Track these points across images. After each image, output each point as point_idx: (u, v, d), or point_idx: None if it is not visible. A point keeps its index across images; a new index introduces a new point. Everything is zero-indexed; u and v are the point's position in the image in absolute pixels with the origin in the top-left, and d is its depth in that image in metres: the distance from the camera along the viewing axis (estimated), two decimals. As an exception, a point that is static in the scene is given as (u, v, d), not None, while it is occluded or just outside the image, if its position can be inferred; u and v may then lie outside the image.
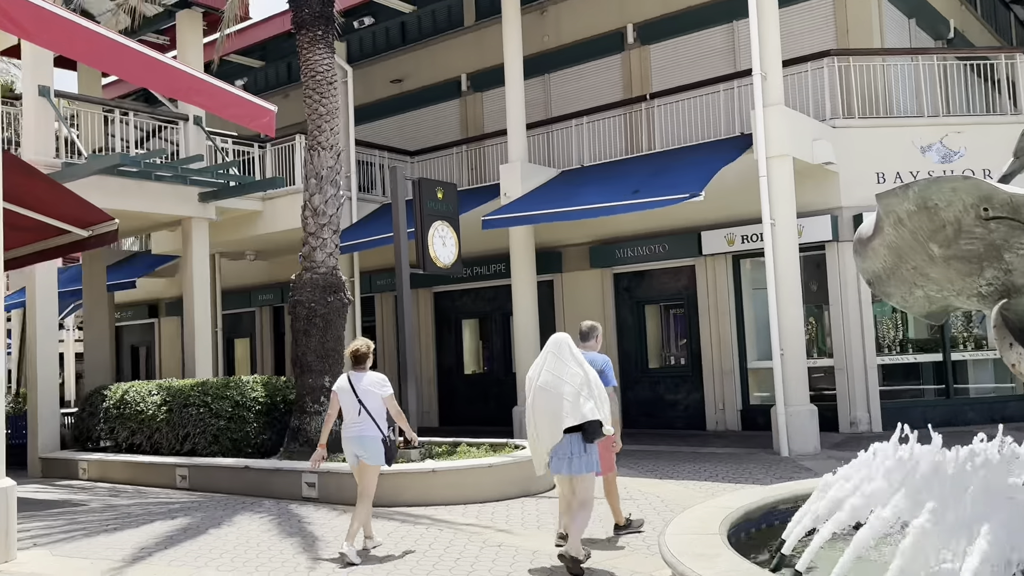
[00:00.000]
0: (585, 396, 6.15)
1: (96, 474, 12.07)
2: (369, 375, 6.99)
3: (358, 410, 6.84)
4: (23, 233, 10.88)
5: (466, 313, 18.53)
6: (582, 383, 6.18)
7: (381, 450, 6.88)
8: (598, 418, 6.15)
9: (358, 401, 6.83)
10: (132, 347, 25.44)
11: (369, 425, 6.81)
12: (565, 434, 6.10)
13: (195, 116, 15.27)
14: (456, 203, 11.58)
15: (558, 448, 6.16)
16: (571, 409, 6.09)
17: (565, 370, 6.18)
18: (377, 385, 6.91)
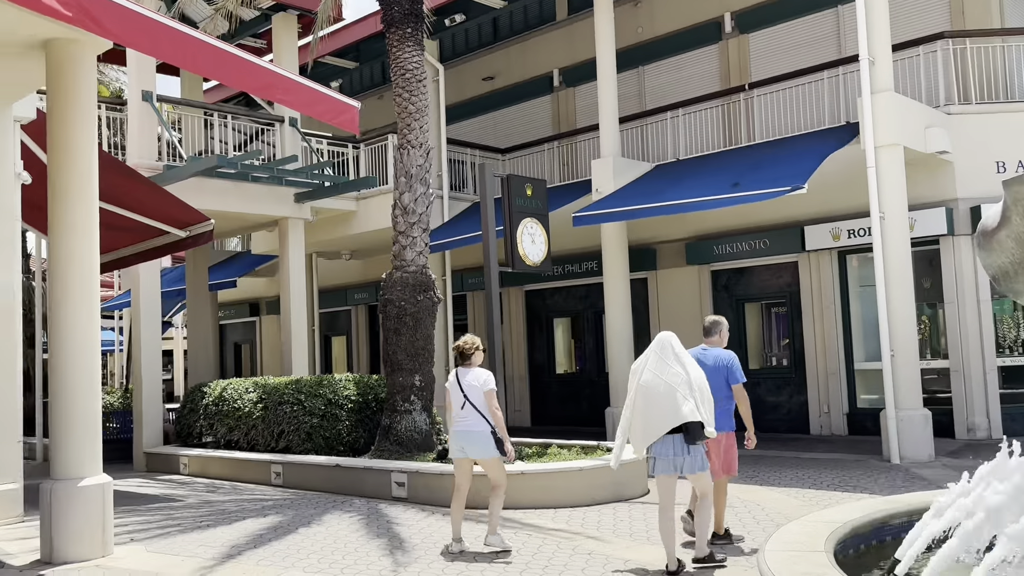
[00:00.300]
0: (685, 397, 5.97)
1: (196, 469, 12.34)
2: (474, 371, 7.00)
3: (462, 404, 6.90)
4: (125, 234, 11.23)
5: (558, 312, 18.28)
6: (683, 384, 6.01)
7: (491, 442, 6.86)
8: (698, 420, 5.96)
9: (463, 396, 6.89)
10: (235, 344, 26.18)
11: (476, 420, 6.85)
12: (668, 435, 6.00)
13: (290, 118, 15.50)
14: (546, 200, 11.34)
15: (660, 449, 6.07)
16: (671, 411, 5.93)
17: (667, 370, 6.04)
18: (480, 380, 6.92)
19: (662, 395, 5.97)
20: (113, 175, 10.10)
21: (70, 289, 6.84)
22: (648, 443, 6.09)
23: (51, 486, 6.71)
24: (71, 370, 6.80)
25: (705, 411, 6.05)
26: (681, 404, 5.93)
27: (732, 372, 6.94)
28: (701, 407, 6.02)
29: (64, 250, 6.83)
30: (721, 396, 6.75)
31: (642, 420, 6.09)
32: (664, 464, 6.09)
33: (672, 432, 5.99)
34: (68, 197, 6.88)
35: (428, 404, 11.17)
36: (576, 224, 13.46)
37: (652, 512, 8.52)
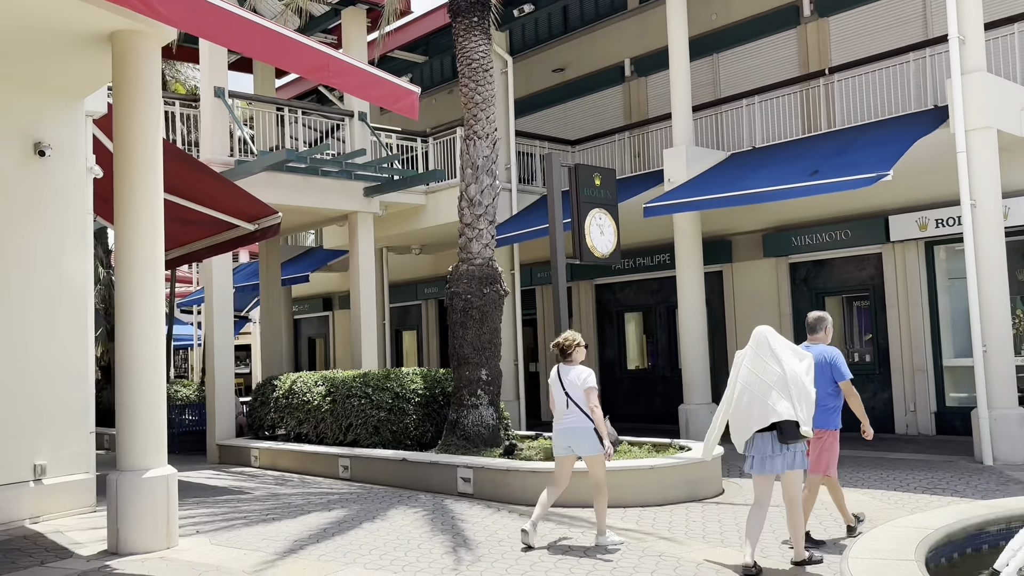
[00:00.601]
0: (780, 395, 5.78)
1: (266, 462, 12.42)
2: (576, 368, 6.96)
3: (566, 402, 6.89)
4: (196, 227, 11.33)
5: (629, 306, 17.91)
6: (779, 381, 5.82)
7: (594, 439, 6.84)
8: (794, 418, 5.75)
9: (565, 394, 6.89)
10: (309, 339, 26.50)
11: (580, 417, 6.83)
12: (761, 433, 5.90)
13: (359, 112, 15.50)
14: (615, 190, 11.03)
15: (757, 447, 5.97)
16: (766, 408, 5.80)
17: (763, 367, 5.92)
18: (580, 378, 6.89)
19: (758, 392, 5.85)
20: (184, 169, 10.20)
21: (134, 281, 6.85)
22: (743, 440, 6.01)
23: (117, 478, 6.73)
24: (135, 363, 6.81)
25: (803, 409, 5.84)
26: (776, 402, 5.78)
27: (837, 368, 6.70)
28: (798, 405, 5.81)
29: (128, 243, 6.84)
30: (825, 393, 6.56)
31: (737, 417, 6.01)
32: (759, 463, 5.99)
33: (768, 430, 5.87)
34: (133, 190, 6.89)
35: (495, 399, 10.98)
36: (647, 215, 13.09)
37: (727, 513, 8.18)
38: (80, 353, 8.42)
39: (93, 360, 8.60)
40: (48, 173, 8.20)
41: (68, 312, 8.31)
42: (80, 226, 8.47)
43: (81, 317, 8.43)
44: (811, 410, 5.91)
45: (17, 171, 7.99)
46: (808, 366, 6.06)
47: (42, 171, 8.15)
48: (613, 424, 16.95)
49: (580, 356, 7.06)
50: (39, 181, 8.14)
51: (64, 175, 8.35)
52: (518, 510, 8.48)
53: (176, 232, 11.80)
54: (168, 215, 11.14)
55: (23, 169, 8.03)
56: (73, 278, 8.36)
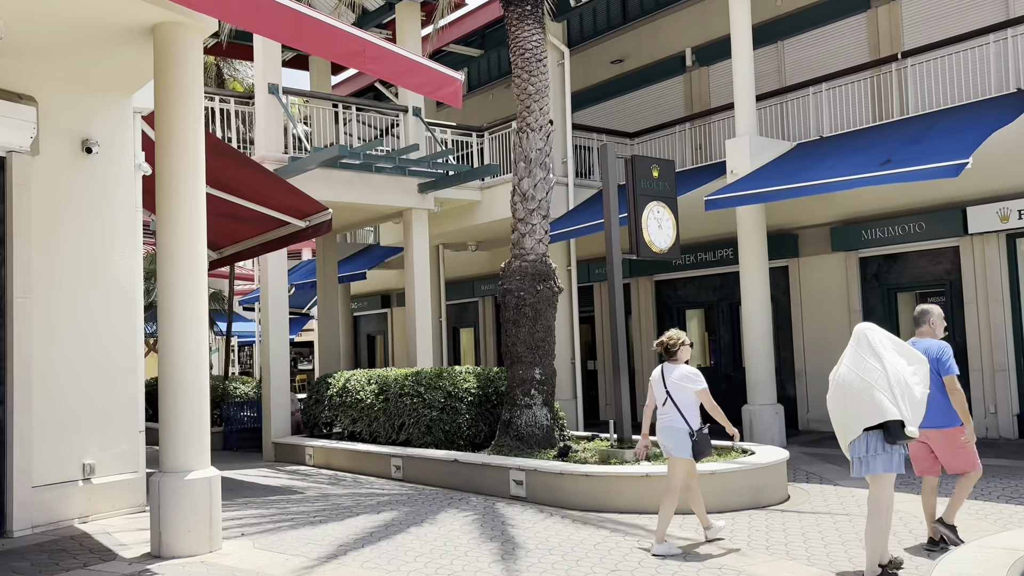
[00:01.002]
0: (883, 394, 5.50)
1: (320, 460, 12.32)
2: (680, 368, 6.90)
3: (664, 400, 6.83)
4: (248, 224, 11.27)
5: (690, 303, 17.39)
6: (880, 379, 5.54)
7: (686, 443, 6.74)
8: (896, 418, 5.45)
9: (666, 392, 6.82)
10: (368, 336, 26.53)
11: (676, 417, 6.76)
12: (865, 432, 5.64)
13: (414, 107, 15.31)
14: (674, 182, 10.59)
15: (855, 447, 5.74)
16: (867, 408, 5.56)
17: (862, 365, 5.67)
18: (687, 379, 6.82)
19: (858, 391, 5.61)
20: (233, 165, 10.12)
21: (176, 279, 6.72)
22: (847, 441, 5.77)
23: (159, 479, 6.61)
24: (177, 362, 6.68)
25: (907, 409, 5.52)
26: (880, 401, 5.50)
27: (942, 363, 6.33)
28: (902, 404, 5.51)
29: (169, 238, 6.71)
30: (937, 390, 6.23)
31: (836, 417, 5.81)
32: (858, 465, 5.73)
33: (870, 429, 5.61)
34: (174, 184, 6.75)
35: (549, 398, 10.67)
36: (708, 208, 12.61)
37: (792, 522, 7.73)
38: (129, 351, 8.35)
39: (143, 357, 8.53)
40: (96, 170, 8.15)
41: (117, 310, 8.25)
42: (129, 223, 8.40)
43: (130, 314, 8.37)
44: (916, 410, 5.57)
45: (65, 169, 7.95)
46: (919, 367, 5.74)
47: (90, 168, 8.10)
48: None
49: (685, 355, 6.97)
50: (87, 178, 8.09)
51: (112, 172, 8.29)
52: (571, 515, 8.16)
53: (228, 229, 11.78)
54: (219, 211, 11.18)
55: (71, 167, 7.98)
56: (122, 275, 8.30)
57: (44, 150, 7.74)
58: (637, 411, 17.67)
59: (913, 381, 5.62)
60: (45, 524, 7.53)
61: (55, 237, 7.83)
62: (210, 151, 9.92)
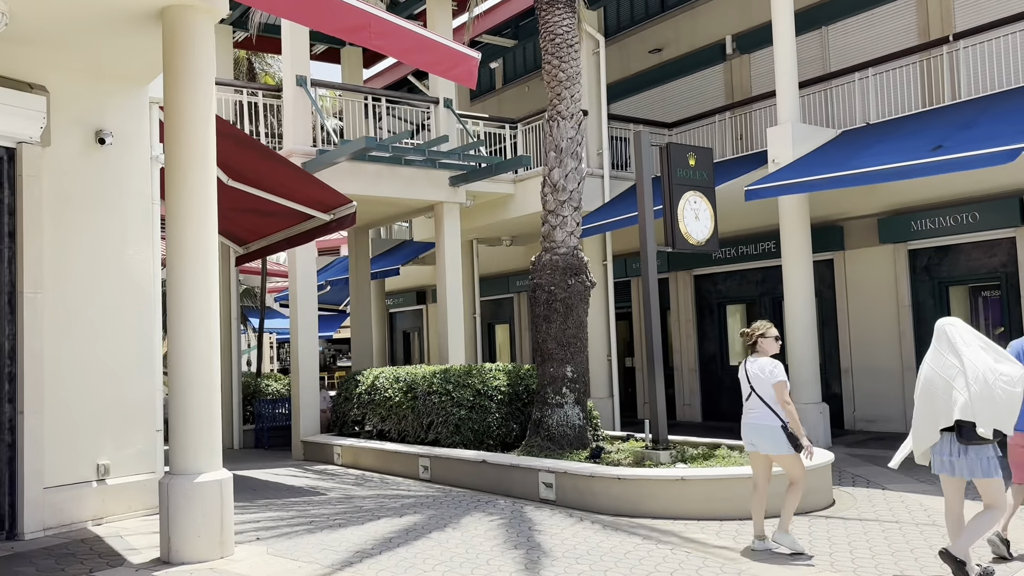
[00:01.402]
0: (959, 392, 5.26)
1: (349, 460, 12.05)
2: (760, 361, 6.60)
3: (748, 395, 6.59)
4: (272, 219, 11.02)
5: (730, 298, 16.84)
6: (958, 377, 5.37)
7: (782, 437, 6.39)
8: (969, 418, 5.21)
9: (749, 386, 6.57)
10: (404, 333, 26.31)
11: (763, 412, 6.46)
12: (944, 432, 5.49)
13: (445, 99, 14.99)
14: (711, 171, 10.11)
15: (938, 447, 5.57)
16: (945, 407, 5.39)
17: (942, 362, 5.51)
18: (765, 371, 6.50)
19: (939, 390, 5.45)
20: (255, 158, 9.86)
21: (185, 273, 6.45)
22: (926, 443, 5.61)
23: (168, 482, 6.34)
24: (187, 359, 6.40)
25: (984, 409, 5.20)
26: (955, 400, 5.27)
27: None
28: (977, 403, 5.20)
29: (179, 231, 6.45)
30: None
31: (919, 417, 5.65)
32: (939, 463, 5.58)
33: (946, 430, 5.47)
34: (183, 175, 6.48)
35: (581, 397, 10.26)
36: (749, 198, 12.09)
37: (837, 528, 7.25)
38: (146, 347, 8.13)
39: (160, 355, 8.31)
40: (110, 161, 7.92)
41: (132, 305, 8.03)
42: (146, 216, 8.17)
43: (147, 310, 8.15)
44: (995, 411, 5.23)
45: (78, 160, 7.73)
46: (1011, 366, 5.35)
47: (104, 159, 7.88)
48: (715, 422, 16.03)
49: (769, 348, 6.65)
50: (101, 170, 7.87)
51: (128, 163, 8.06)
52: (601, 520, 7.76)
53: (254, 224, 11.56)
54: (244, 207, 10.96)
55: (84, 158, 7.77)
56: (138, 270, 8.08)
57: (56, 141, 7.53)
58: (677, 410, 17.20)
59: (998, 380, 5.25)
60: (57, 526, 7.33)
61: (67, 230, 7.61)
62: (233, 144, 9.73)
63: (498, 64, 21.69)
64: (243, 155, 9.81)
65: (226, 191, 10.39)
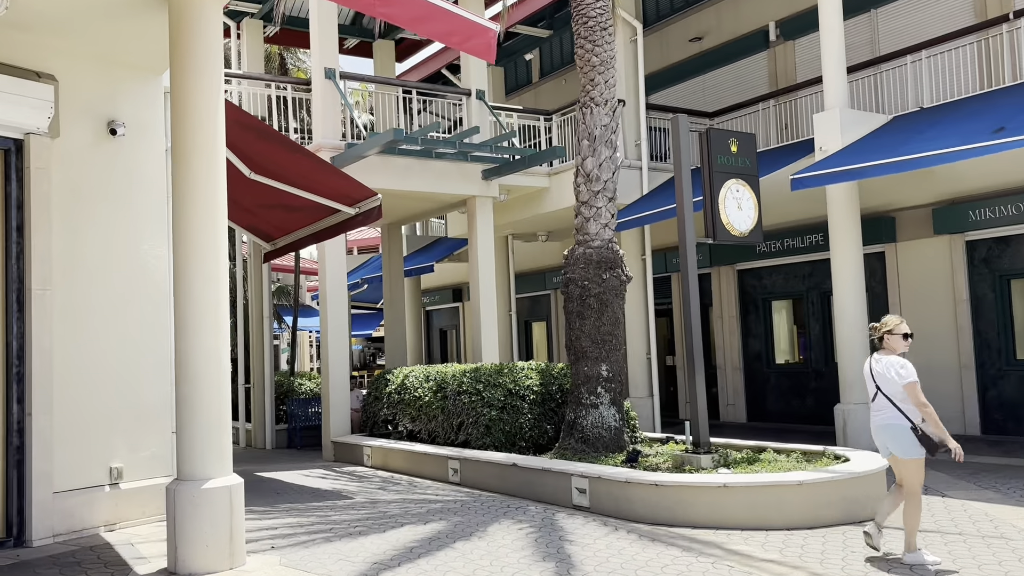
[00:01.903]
0: None
1: (378, 461, 11.70)
2: (888, 359, 6.17)
3: (874, 395, 6.21)
4: (298, 214, 10.70)
5: (776, 293, 16.17)
6: None
7: (911, 439, 5.99)
8: None
9: (875, 385, 6.20)
10: (441, 330, 25.98)
11: (892, 413, 6.07)
12: None
13: (477, 90, 14.57)
14: (755, 158, 9.55)
15: None
16: None
17: None
18: (892, 370, 6.08)
19: None
20: (281, 152, 9.53)
21: (193, 267, 6.11)
22: None
23: (175, 488, 6.00)
24: (194, 356, 6.06)
25: None
26: None
27: None
28: None
29: (186, 221, 6.11)
30: None
31: None
32: None
33: None
34: (190, 165, 6.14)
35: (617, 397, 9.77)
36: (795, 187, 11.48)
37: (895, 538, 6.68)
38: (161, 346, 7.82)
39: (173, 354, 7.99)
40: (122, 153, 7.64)
41: (147, 302, 7.74)
42: (160, 209, 7.87)
43: (162, 307, 7.84)
44: None
45: (89, 151, 7.45)
46: None
47: (116, 151, 7.60)
48: (760, 423, 15.41)
49: (896, 345, 6.21)
50: (113, 162, 7.58)
51: (141, 155, 7.78)
52: (638, 529, 7.27)
53: (279, 220, 11.25)
54: (269, 202, 10.64)
55: (95, 149, 7.48)
56: (152, 265, 7.78)
57: (65, 131, 7.25)
58: (721, 410, 16.59)
59: None
60: (67, 533, 7.05)
61: (77, 224, 7.33)
62: (255, 137, 9.41)
63: (534, 55, 21.22)
64: (266, 148, 9.49)
65: (249, 185, 10.10)
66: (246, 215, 11.28)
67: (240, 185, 10.03)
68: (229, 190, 10.35)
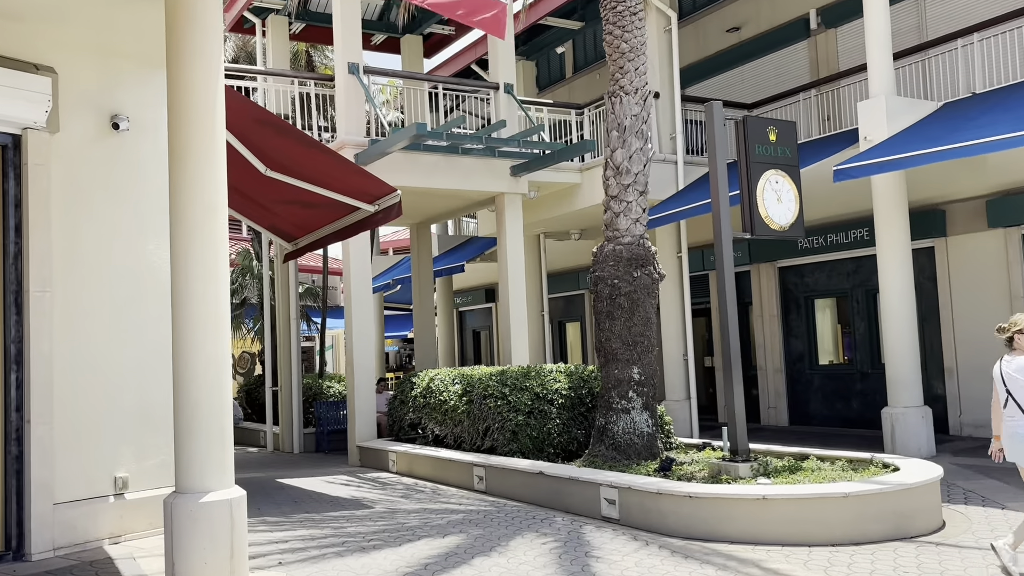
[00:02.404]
0: None
1: (403, 467, 11.32)
2: (1018, 360, 5.75)
3: (1005, 400, 5.75)
4: (317, 211, 10.38)
5: (819, 291, 15.50)
6: None
7: None
8: None
9: (1005, 390, 5.75)
10: (474, 332, 25.60)
11: (1021, 419, 5.62)
12: None
13: (505, 84, 14.13)
14: (795, 147, 8.98)
15: None
16: None
17: None
18: (1021, 371, 5.67)
19: None
20: (297, 147, 9.19)
21: (191, 261, 5.74)
22: None
23: (171, 501, 5.64)
24: (192, 358, 5.70)
25: None
26: None
27: None
28: None
29: (181, 212, 5.75)
30: None
31: None
32: None
33: None
34: (185, 155, 5.77)
35: (650, 401, 9.27)
36: (838, 179, 10.87)
37: (951, 558, 6.13)
38: (169, 349, 7.47)
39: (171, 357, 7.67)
40: (125, 149, 7.32)
41: (153, 304, 7.41)
42: (165, 207, 7.51)
43: (168, 308, 7.49)
44: None
45: (90, 147, 7.15)
46: None
47: (118, 146, 7.29)
48: (803, 427, 14.77)
49: None
50: (115, 158, 7.27)
51: (146, 150, 7.45)
52: (671, 544, 6.78)
53: (298, 218, 10.94)
54: (285, 198, 10.31)
55: (97, 145, 7.18)
56: (158, 266, 7.45)
57: (65, 126, 6.96)
58: (761, 414, 15.96)
59: None
60: (69, 545, 6.74)
61: (78, 223, 7.03)
62: (272, 133, 9.08)
63: (566, 49, 20.72)
64: (282, 144, 9.16)
65: (265, 182, 9.78)
66: (265, 214, 10.98)
67: (256, 182, 9.72)
68: (245, 187, 10.09)
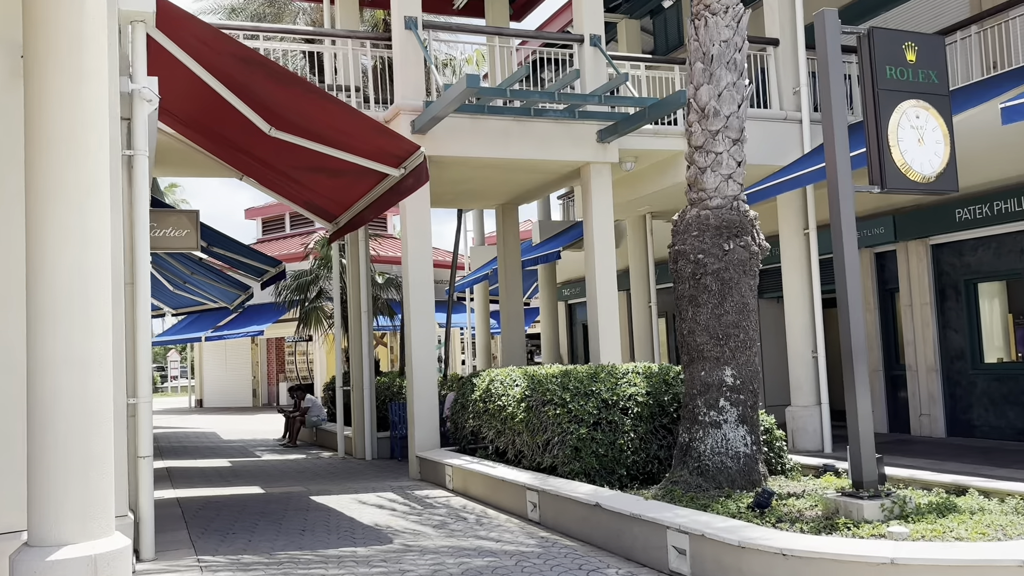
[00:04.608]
0: None
1: (459, 484, 9.57)
2: None
3: None
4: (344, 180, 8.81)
5: (984, 273, 12.61)
6: None
7: None
8: None
9: None
10: (583, 326, 23.60)
11: None
12: None
13: (592, 35, 12.08)
14: (944, 70, 6.60)
15: None
16: None
17: None
18: None
19: None
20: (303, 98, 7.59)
21: (48, 226, 4.16)
22: None
23: (16, 557, 4.05)
24: (49, 367, 4.13)
25: None
26: None
27: None
28: None
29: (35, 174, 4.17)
30: None
31: None
32: None
33: None
34: (45, 88, 4.19)
35: (747, 413, 7.10)
36: (1006, 120, 8.26)
37: None
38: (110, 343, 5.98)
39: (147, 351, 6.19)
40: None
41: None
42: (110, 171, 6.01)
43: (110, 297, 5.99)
44: None
45: (1, 92, 5.69)
46: None
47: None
48: (964, 439, 12.04)
49: None
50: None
51: (80, 98, 5.94)
52: (754, 627, 4.66)
53: (327, 189, 9.41)
54: (304, 163, 8.68)
55: (6, 91, 5.71)
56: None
57: (-39, 66, 5.53)
58: (911, 422, 13.25)
59: None
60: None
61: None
62: (270, 81, 7.47)
63: (678, 5, 18.40)
64: (285, 95, 7.57)
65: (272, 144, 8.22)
66: (294, 187, 9.48)
67: (262, 144, 8.18)
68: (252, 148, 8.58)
